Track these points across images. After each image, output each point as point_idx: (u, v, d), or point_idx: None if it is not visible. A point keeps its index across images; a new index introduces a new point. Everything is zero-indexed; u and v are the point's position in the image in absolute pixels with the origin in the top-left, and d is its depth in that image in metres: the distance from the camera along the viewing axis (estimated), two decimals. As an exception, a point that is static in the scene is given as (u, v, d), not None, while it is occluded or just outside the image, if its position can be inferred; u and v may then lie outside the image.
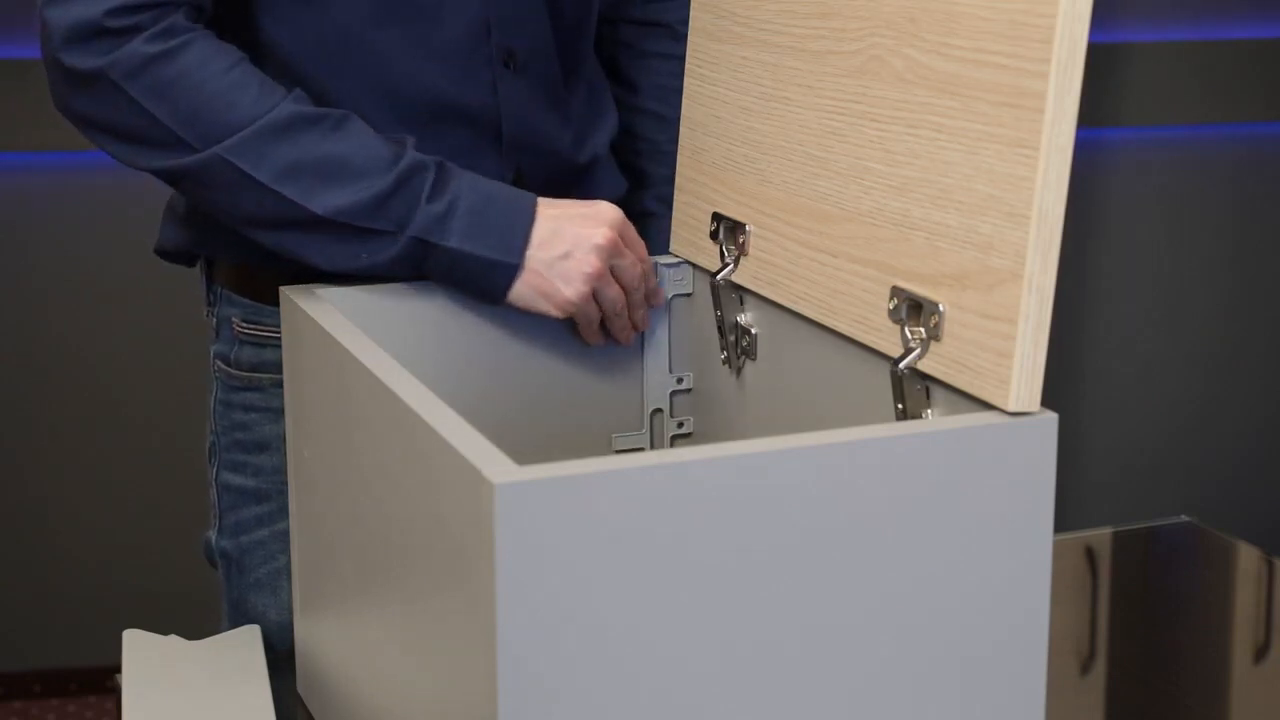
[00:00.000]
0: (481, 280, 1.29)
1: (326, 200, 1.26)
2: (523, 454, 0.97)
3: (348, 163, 1.27)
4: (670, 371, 1.42)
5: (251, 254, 1.35)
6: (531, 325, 1.36)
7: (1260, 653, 1.47)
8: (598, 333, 1.35)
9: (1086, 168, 3.13)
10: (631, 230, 1.33)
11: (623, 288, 1.33)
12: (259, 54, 1.36)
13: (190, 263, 1.50)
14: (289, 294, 1.27)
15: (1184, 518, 1.68)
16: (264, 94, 1.27)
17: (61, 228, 2.91)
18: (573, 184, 1.49)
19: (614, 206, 1.32)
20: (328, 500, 1.22)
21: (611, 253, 1.30)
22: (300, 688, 1.34)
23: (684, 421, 1.43)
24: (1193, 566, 1.66)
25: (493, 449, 0.94)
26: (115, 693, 1.37)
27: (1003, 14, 1.01)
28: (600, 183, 1.52)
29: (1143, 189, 3.22)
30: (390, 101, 1.37)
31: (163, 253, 1.50)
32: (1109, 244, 3.21)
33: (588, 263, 1.29)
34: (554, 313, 1.30)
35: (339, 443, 1.18)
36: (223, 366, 1.48)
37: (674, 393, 1.42)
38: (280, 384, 1.44)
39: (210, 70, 1.26)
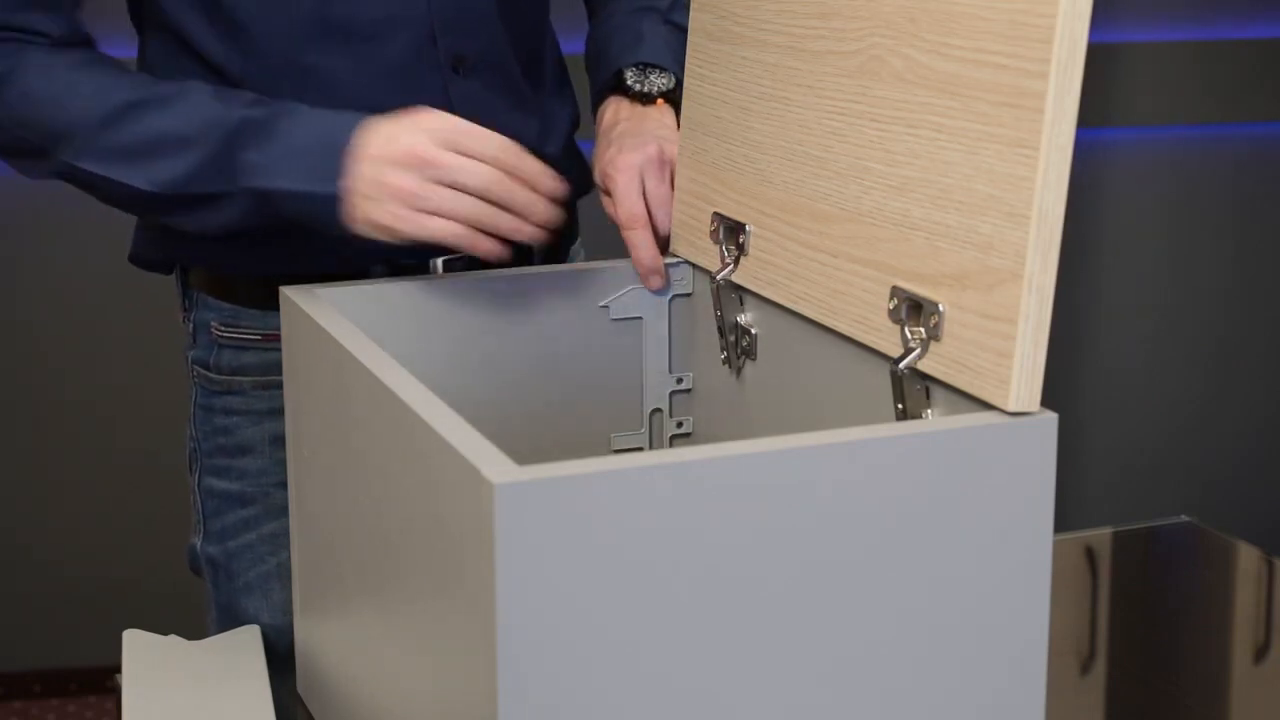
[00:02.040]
0: (319, 216, 1.28)
1: (157, 176, 1.29)
2: (523, 454, 0.97)
3: (176, 135, 1.29)
4: (670, 371, 1.42)
5: (226, 258, 1.35)
6: (531, 325, 1.36)
7: (1260, 653, 1.47)
8: (486, 243, 1.26)
9: (1086, 168, 3.13)
10: (467, 131, 1.25)
11: (476, 193, 1.25)
12: (208, 77, 1.37)
13: (166, 270, 1.50)
14: (289, 294, 1.27)
15: (1184, 518, 1.68)
16: (100, 90, 1.30)
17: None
18: None
19: (441, 115, 1.26)
20: (328, 500, 1.22)
21: (422, 164, 1.24)
22: (300, 688, 1.34)
23: (683, 421, 1.43)
24: (1193, 566, 1.66)
25: (493, 449, 0.94)
26: (115, 693, 1.37)
27: (1003, 14, 1.01)
28: (567, 178, 1.53)
29: (1143, 189, 3.22)
30: None
31: (137, 260, 1.50)
32: (1109, 244, 3.21)
33: (393, 186, 1.24)
34: (397, 240, 1.26)
35: (339, 443, 1.18)
36: (202, 372, 1.48)
37: (674, 393, 1.42)
38: (261, 386, 1.44)
39: (48, 75, 1.31)
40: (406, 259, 1.39)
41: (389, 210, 1.25)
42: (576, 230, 1.59)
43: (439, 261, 1.38)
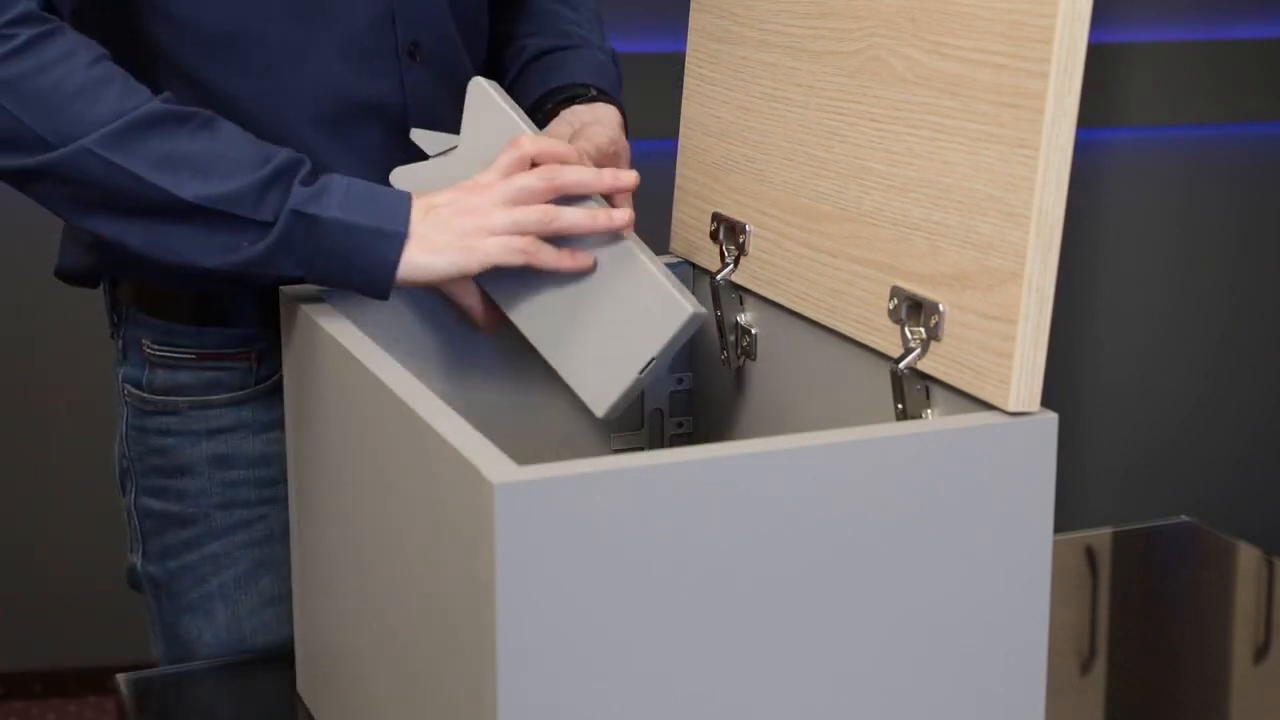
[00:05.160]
0: (367, 256, 1.21)
1: (199, 189, 1.21)
2: (523, 454, 0.97)
3: (221, 157, 1.22)
4: (670, 371, 1.42)
5: (158, 273, 1.32)
6: (531, 325, 1.36)
7: (1260, 653, 1.47)
8: (558, 256, 1.24)
9: (1087, 168, 3.13)
10: (546, 147, 1.25)
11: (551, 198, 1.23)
12: (151, 58, 1.33)
13: (93, 283, 1.46)
14: (290, 294, 1.27)
15: (1184, 518, 1.68)
16: (129, 91, 1.22)
17: None
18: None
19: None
20: (328, 501, 1.22)
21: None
22: (300, 688, 1.34)
23: (683, 421, 1.43)
24: (1193, 566, 1.66)
25: (493, 449, 0.94)
26: (115, 693, 1.37)
27: (1003, 14, 1.01)
28: None
29: (1143, 189, 3.22)
30: (296, 101, 1.34)
31: (64, 275, 1.46)
32: (1109, 244, 3.21)
33: (487, 195, 1.22)
34: (468, 266, 1.22)
35: (339, 443, 1.18)
36: (134, 391, 1.43)
37: (674, 392, 1.42)
38: (198, 406, 1.41)
39: (72, 65, 1.21)
40: None
41: (489, 217, 1.22)
42: None
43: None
